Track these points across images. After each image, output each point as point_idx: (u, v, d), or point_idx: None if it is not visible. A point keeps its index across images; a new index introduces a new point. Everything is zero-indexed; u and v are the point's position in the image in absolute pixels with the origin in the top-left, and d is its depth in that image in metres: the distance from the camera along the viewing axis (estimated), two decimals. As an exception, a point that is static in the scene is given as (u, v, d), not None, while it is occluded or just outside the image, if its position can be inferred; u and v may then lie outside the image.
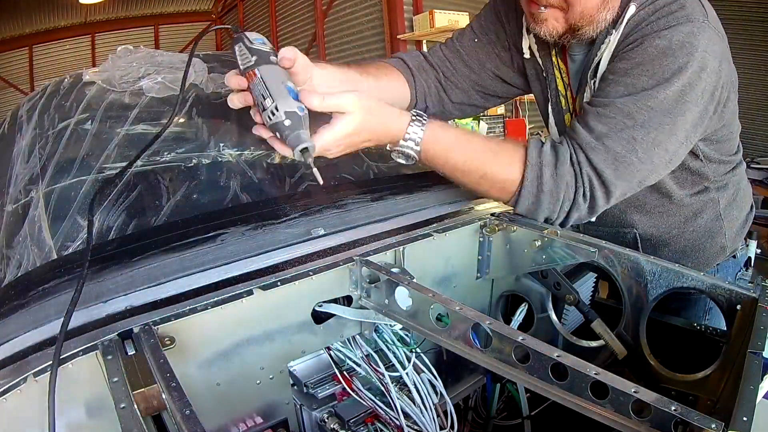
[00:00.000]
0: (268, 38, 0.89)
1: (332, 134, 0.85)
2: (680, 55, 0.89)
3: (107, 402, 0.57)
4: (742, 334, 0.77)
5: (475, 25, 1.24)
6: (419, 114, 0.93)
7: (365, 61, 1.27)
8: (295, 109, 0.83)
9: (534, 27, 1.03)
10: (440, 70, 1.24)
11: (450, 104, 1.28)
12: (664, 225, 1.20)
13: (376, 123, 0.89)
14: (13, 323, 0.68)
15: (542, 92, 1.21)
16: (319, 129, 0.86)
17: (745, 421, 0.53)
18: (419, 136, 0.92)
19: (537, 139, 0.98)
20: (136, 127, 0.97)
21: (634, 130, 0.92)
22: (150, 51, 1.14)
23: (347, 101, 0.85)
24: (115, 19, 9.97)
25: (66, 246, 0.79)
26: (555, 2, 0.97)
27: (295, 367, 0.85)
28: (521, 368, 0.65)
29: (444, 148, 0.94)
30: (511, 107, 7.37)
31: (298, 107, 0.83)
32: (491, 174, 0.97)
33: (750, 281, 1.29)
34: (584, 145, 0.95)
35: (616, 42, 0.98)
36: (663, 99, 0.90)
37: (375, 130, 0.89)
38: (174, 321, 0.67)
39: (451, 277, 1.01)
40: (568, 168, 0.95)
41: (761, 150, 5.89)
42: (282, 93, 0.83)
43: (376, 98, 0.90)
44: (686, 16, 0.90)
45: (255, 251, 0.82)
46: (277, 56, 0.85)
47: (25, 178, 0.90)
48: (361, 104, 0.86)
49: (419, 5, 6.09)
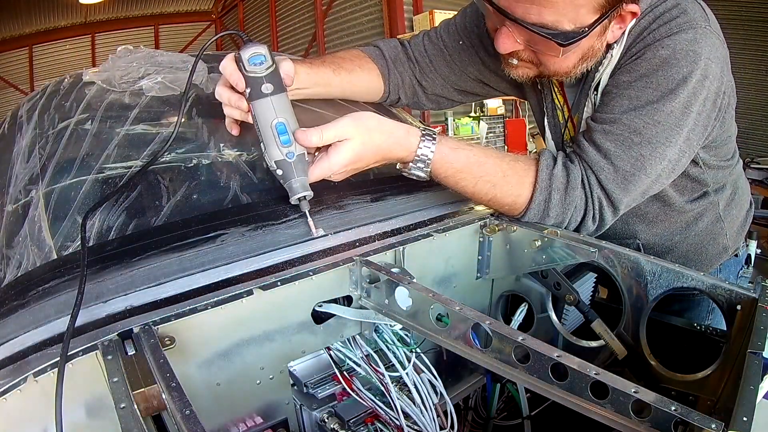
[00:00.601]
0: (268, 39, 0.89)
1: (329, 165, 0.84)
2: (684, 64, 0.88)
3: (107, 402, 0.57)
4: (742, 334, 0.77)
5: (459, 25, 1.20)
6: (428, 133, 0.91)
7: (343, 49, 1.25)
8: (284, 157, 0.82)
9: (505, 68, 1.01)
10: (419, 64, 1.22)
11: (424, 97, 1.26)
12: (666, 232, 1.19)
13: (380, 141, 0.86)
14: (13, 323, 0.68)
15: (539, 104, 1.19)
16: (316, 159, 0.85)
17: (745, 421, 0.53)
18: (429, 158, 0.90)
19: (549, 155, 0.96)
20: (136, 127, 0.97)
21: (642, 147, 0.90)
22: (150, 51, 1.14)
23: (344, 128, 0.83)
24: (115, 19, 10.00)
25: (66, 246, 0.79)
26: (525, 58, 0.95)
27: (295, 367, 0.85)
28: (521, 368, 0.65)
29: (455, 170, 0.92)
30: (511, 107, 7.38)
31: (287, 153, 0.82)
32: (501, 196, 0.96)
33: (750, 281, 1.30)
34: (593, 165, 0.94)
35: (617, 57, 0.96)
36: (670, 112, 0.89)
37: (380, 147, 0.87)
38: (174, 321, 0.67)
39: (451, 277, 1.01)
40: (579, 192, 0.94)
41: (761, 150, 5.89)
42: (270, 139, 0.82)
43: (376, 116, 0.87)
44: (688, 22, 0.89)
45: (255, 251, 0.82)
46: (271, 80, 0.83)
47: (25, 178, 0.90)
48: (359, 128, 0.84)
49: (419, 5, 6.11)
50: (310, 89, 1.05)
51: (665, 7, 0.91)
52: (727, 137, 1.09)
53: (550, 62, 0.93)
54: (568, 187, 0.94)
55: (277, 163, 0.83)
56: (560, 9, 0.81)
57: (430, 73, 1.22)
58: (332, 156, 0.84)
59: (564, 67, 0.94)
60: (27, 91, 8.91)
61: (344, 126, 0.83)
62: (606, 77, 0.98)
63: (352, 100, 1.20)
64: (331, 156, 0.84)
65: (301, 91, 1.02)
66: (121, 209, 0.84)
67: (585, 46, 0.90)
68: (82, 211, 0.82)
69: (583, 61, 0.94)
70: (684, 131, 0.91)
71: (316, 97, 1.09)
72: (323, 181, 0.87)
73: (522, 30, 0.86)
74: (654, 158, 0.91)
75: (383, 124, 0.87)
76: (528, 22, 0.83)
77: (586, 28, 0.83)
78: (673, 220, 1.17)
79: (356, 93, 1.18)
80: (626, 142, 0.91)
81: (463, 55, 1.20)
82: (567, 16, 0.82)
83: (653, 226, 1.18)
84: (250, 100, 0.84)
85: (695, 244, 1.21)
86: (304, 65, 1.03)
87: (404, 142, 0.89)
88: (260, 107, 0.83)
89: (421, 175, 0.92)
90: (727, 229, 1.22)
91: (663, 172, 0.94)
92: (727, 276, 1.29)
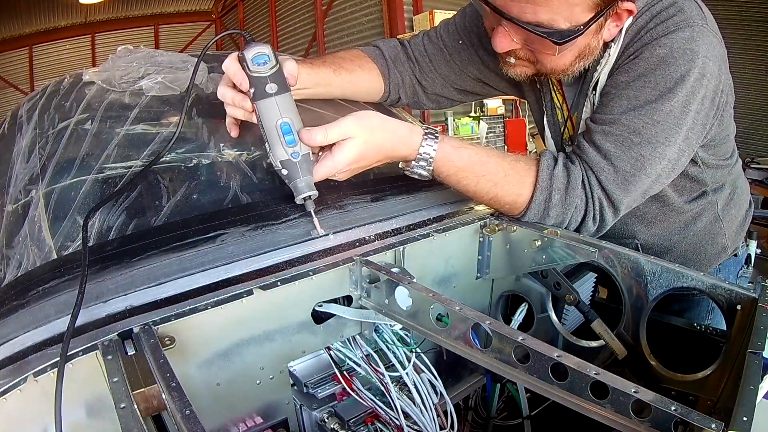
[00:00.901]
0: (268, 39, 0.89)
1: (333, 164, 0.84)
2: (681, 63, 0.88)
3: (107, 402, 0.57)
4: (742, 334, 0.77)
5: (459, 24, 1.20)
6: (430, 132, 0.91)
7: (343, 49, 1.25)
8: (289, 157, 0.82)
9: (503, 67, 1.01)
10: (419, 64, 1.22)
11: (424, 97, 1.26)
12: (665, 232, 1.19)
13: (384, 139, 0.87)
14: (13, 323, 0.68)
15: (537, 103, 1.19)
16: (321, 158, 0.85)
17: (745, 421, 0.53)
18: (432, 156, 0.90)
19: (550, 156, 0.96)
20: (136, 127, 0.97)
21: (642, 147, 0.91)
22: (150, 51, 1.14)
23: (348, 127, 0.83)
24: (115, 19, 10.00)
25: (66, 246, 0.79)
26: (522, 56, 0.95)
27: (295, 367, 0.85)
28: (521, 368, 0.65)
29: (458, 169, 0.92)
30: (511, 107, 7.38)
31: (292, 153, 0.82)
32: (502, 195, 0.96)
33: (750, 281, 1.30)
34: (594, 166, 0.94)
35: (615, 56, 0.96)
36: (668, 111, 0.89)
37: (383, 146, 0.87)
38: (174, 321, 0.67)
39: (451, 277, 1.01)
40: (579, 193, 0.94)
41: (761, 150, 5.89)
42: (275, 139, 0.82)
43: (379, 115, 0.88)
44: (685, 20, 0.89)
45: (255, 251, 0.82)
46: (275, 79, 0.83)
47: (25, 178, 0.90)
48: (363, 126, 0.84)
49: (419, 5, 6.11)
50: (310, 89, 1.05)
51: (662, 6, 0.92)
52: (725, 136, 1.09)
53: (546, 60, 0.93)
54: (568, 187, 0.94)
55: (282, 163, 0.83)
56: (555, 8, 0.82)
57: (430, 73, 1.22)
58: (336, 155, 0.84)
59: (561, 65, 0.94)
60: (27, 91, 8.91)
61: (348, 125, 0.83)
62: (604, 76, 0.98)
63: (353, 100, 1.20)
64: (336, 155, 0.84)
65: (302, 92, 1.03)
66: (121, 209, 0.84)
67: (581, 44, 0.91)
68: (82, 211, 0.82)
69: (580, 59, 0.94)
70: (683, 130, 0.91)
71: (317, 97, 1.09)
72: (324, 181, 0.87)
73: (518, 29, 0.86)
74: (654, 158, 0.91)
75: (386, 123, 0.88)
76: (523, 21, 0.83)
77: (582, 26, 0.84)
78: (672, 220, 1.18)
79: (357, 93, 1.18)
80: (626, 142, 0.91)
81: (463, 54, 1.20)
82: (562, 15, 0.82)
83: (652, 226, 1.18)
84: (254, 100, 0.84)
85: (694, 244, 1.21)
86: (305, 65, 1.03)
87: (407, 141, 0.89)
88: (265, 107, 0.83)
89: (423, 173, 0.92)
90: (726, 228, 1.22)
91: (663, 172, 0.95)
92: (726, 276, 1.29)
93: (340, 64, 1.11)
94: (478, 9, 0.94)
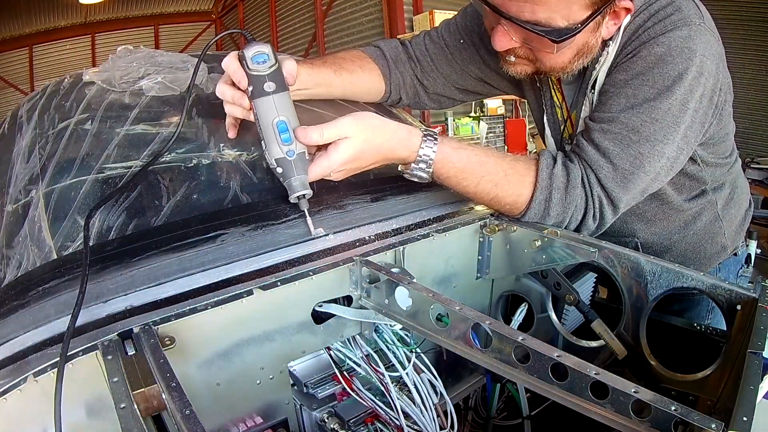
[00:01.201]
0: (268, 39, 0.89)
1: (328, 163, 0.83)
2: (679, 61, 0.88)
3: (107, 402, 0.57)
4: (742, 334, 0.77)
5: (460, 24, 1.20)
6: (430, 134, 0.91)
7: (344, 49, 1.25)
8: (284, 155, 0.82)
9: (503, 66, 1.02)
10: (420, 63, 1.22)
11: (426, 97, 1.26)
12: (665, 231, 1.19)
13: (382, 140, 0.86)
14: (13, 323, 0.68)
15: (537, 101, 1.19)
16: (316, 157, 0.85)
17: (745, 421, 0.53)
18: (431, 158, 0.90)
19: (549, 155, 0.96)
20: (136, 127, 0.97)
21: (640, 145, 0.91)
22: (150, 51, 1.14)
23: (345, 127, 0.83)
24: (115, 19, 10.00)
25: (66, 246, 0.79)
26: (522, 54, 0.96)
27: (295, 367, 0.85)
28: (521, 368, 0.65)
29: (458, 170, 0.92)
30: (511, 107, 7.38)
31: (287, 151, 0.82)
32: (503, 195, 0.96)
33: (750, 281, 1.30)
34: (593, 164, 0.94)
35: (613, 54, 0.96)
36: (667, 110, 0.89)
37: (381, 147, 0.87)
38: (174, 321, 0.67)
39: (451, 277, 1.01)
40: (579, 191, 0.94)
41: (761, 150, 5.89)
42: (271, 136, 0.82)
43: (378, 116, 0.87)
44: (682, 19, 0.89)
45: (255, 251, 0.82)
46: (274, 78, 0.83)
47: (25, 178, 0.90)
48: (360, 126, 0.84)
49: (419, 5, 6.10)
50: (311, 90, 1.05)
51: (660, 5, 0.92)
52: (724, 134, 1.09)
53: (545, 58, 0.93)
54: (568, 186, 0.94)
55: (277, 161, 0.83)
56: (552, 6, 0.82)
57: (432, 73, 1.22)
58: (332, 154, 0.83)
59: (560, 62, 0.94)
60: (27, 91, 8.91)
61: (345, 124, 0.83)
62: (603, 75, 0.99)
63: (353, 100, 1.20)
64: (331, 154, 0.84)
65: (303, 92, 1.02)
66: (121, 209, 0.84)
67: (579, 42, 0.91)
68: (82, 211, 0.82)
69: (578, 57, 0.95)
70: (681, 128, 0.92)
71: (318, 97, 1.09)
72: (323, 181, 0.87)
73: (517, 28, 0.87)
74: (652, 156, 0.92)
75: (385, 124, 0.87)
76: (522, 19, 0.84)
77: (579, 24, 0.84)
78: (672, 219, 1.18)
79: (357, 93, 1.18)
80: (624, 140, 0.92)
81: (464, 53, 1.20)
82: (559, 13, 0.83)
83: (652, 225, 1.18)
84: (252, 98, 0.84)
85: (694, 243, 1.21)
86: (306, 65, 1.03)
87: (406, 143, 0.89)
88: (262, 105, 0.83)
89: (423, 176, 0.92)
90: (725, 228, 1.22)
91: (662, 170, 0.95)
92: (726, 275, 1.29)
93: (340, 65, 1.11)
94: (478, 8, 0.95)
